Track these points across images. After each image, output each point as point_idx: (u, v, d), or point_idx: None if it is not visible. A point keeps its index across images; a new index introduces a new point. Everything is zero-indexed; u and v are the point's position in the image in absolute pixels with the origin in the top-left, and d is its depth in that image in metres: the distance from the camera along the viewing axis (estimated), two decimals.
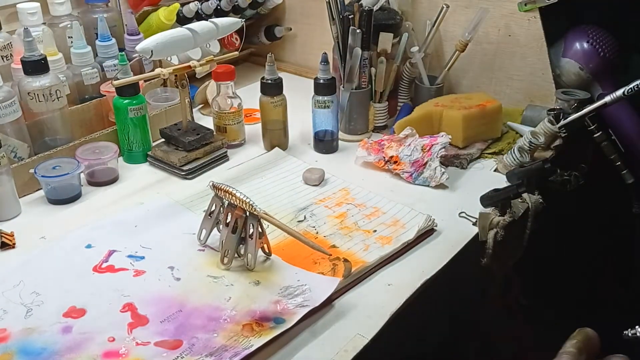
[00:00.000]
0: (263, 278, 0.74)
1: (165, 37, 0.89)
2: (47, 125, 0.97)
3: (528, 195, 0.89)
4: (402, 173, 0.97)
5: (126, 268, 0.76)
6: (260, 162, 1.03)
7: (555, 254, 1.21)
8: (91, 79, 1.07)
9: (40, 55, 0.93)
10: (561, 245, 1.18)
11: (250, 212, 0.73)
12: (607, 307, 0.78)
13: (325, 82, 1.01)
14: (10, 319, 0.67)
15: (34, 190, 0.94)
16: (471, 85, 1.20)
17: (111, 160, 0.96)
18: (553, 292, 1.23)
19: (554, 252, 1.19)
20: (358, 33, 1.02)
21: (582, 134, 1.03)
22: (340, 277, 0.73)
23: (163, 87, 1.15)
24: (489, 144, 1.06)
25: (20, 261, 0.77)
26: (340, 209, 0.89)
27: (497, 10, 1.11)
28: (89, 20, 1.12)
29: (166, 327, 0.66)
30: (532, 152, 0.98)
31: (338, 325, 0.68)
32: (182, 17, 1.19)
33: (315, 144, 1.07)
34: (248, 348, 0.62)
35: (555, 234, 1.11)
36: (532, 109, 1.09)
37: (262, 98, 1.03)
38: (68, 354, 0.62)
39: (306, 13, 1.39)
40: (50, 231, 0.84)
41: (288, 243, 0.79)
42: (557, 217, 0.99)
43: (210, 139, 1.02)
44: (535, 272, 1.16)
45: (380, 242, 0.81)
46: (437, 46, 1.21)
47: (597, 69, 1.10)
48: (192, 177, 0.99)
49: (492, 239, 0.84)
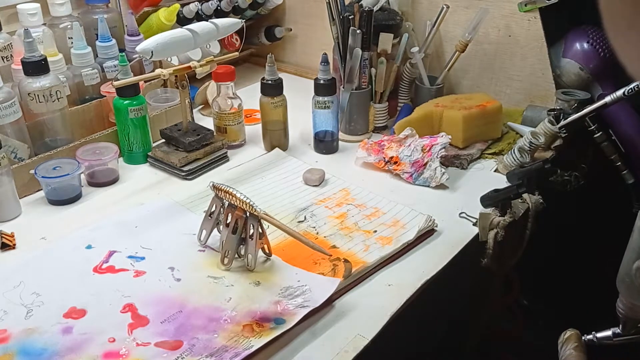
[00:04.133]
0: (263, 278, 0.74)
1: (166, 38, 0.89)
2: (48, 125, 0.97)
3: (528, 195, 0.89)
4: (402, 173, 0.97)
5: (126, 269, 0.76)
6: (261, 163, 1.03)
7: (556, 254, 1.21)
8: (91, 79, 1.07)
9: (40, 56, 0.93)
10: (561, 245, 1.18)
11: (251, 212, 0.73)
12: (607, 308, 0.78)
13: (325, 82, 1.01)
14: (10, 320, 0.67)
15: (34, 191, 0.94)
16: (471, 85, 1.20)
17: (111, 161, 0.96)
18: (553, 292, 1.23)
19: (554, 252, 1.19)
20: (358, 33, 1.02)
21: (583, 134, 1.03)
22: (341, 277, 0.73)
23: (163, 87, 1.15)
24: (489, 145, 1.06)
25: (21, 262, 0.77)
26: (340, 209, 0.89)
27: (497, 10, 1.11)
28: (89, 21, 1.12)
29: (166, 327, 0.66)
30: (533, 153, 0.98)
31: (338, 326, 0.68)
32: (182, 17, 1.19)
33: (316, 144, 1.07)
34: (248, 348, 0.62)
35: (555, 234, 1.11)
36: (533, 109, 1.09)
37: (263, 99, 1.03)
38: (68, 354, 0.62)
39: (306, 13, 1.39)
40: (51, 232, 0.84)
41: (288, 243, 0.79)
42: (558, 217, 0.99)
43: (211, 139, 1.02)
44: (535, 273, 1.16)
45: (380, 243, 0.81)
46: (437, 47, 1.21)
47: (597, 69, 1.10)
48: (193, 178, 0.99)
49: (492, 240, 0.84)
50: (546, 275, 1.22)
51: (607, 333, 0.73)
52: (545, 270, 1.20)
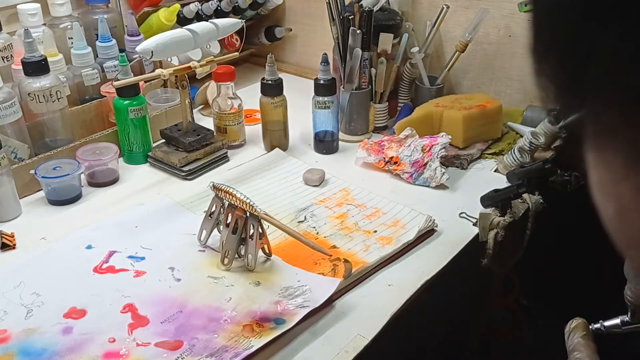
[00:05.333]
0: (263, 279, 0.74)
1: (166, 38, 0.89)
2: (48, 126, 0.97)
3: (528, 195, 0.89)
4: (402, 174, 0.97)
5: (127, 269, 0.76)
6: (261, 163, 1.03)
7: (556, 255, 1.21)
8: (91, 79, 1.07)
9: (40, 56, 0.93)
10: (561, 245, 1.17)
11: (251, 212, 0.73)
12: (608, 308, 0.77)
13: (325, 82, 1.01)
14: (10, 320, 0.67)
15: (34, 191, 0.94)
16: (471, 85, 1.20)
17: (111, 161, 0.96)
18: (553, 292, 1.23)
19: (554, 252, 1.19)
20: (358, 34, 1.02)
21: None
22: (341, 277, 0.73)
23: (163, 87, 1.15)
24: (489, 145, 1.06)
25: (21, 262, 0.77)
26: (340, 209, 0.89)
27: (497, 10, 1.11)
28: (90, 21, 1.12)
29: (166, 327, 0.66)
30: (533, 153, 0.98)
31: (338, 326, 0.68)
32: (183, 17, 1.19)
33: (316, 144, 1.07)
34: (248, 349, 0.62)
35: (555, 234, 1.11)
36: (533, 109, 1.09)
37: (263, 99, 1.03)
38: (68, 354, 0.62)
39: (306, 14, 1.39)
40: (51, 232, 0.84)
41: (288, 244, 0.79)
42: (558, 217, 0.99)
43: (211, 139, 1.02)
44: (536, 273, 1.16)
45: (380, 243, 0.81)
46: (437, 47, 1.21)
47: None
48: (193, 178, 0.99)
49: (492, 240, 0.84)
50: (546, 275, 1.22)
51: (616, 321, 0.72)
52: (545, 270, 1.20)
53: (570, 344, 0.69)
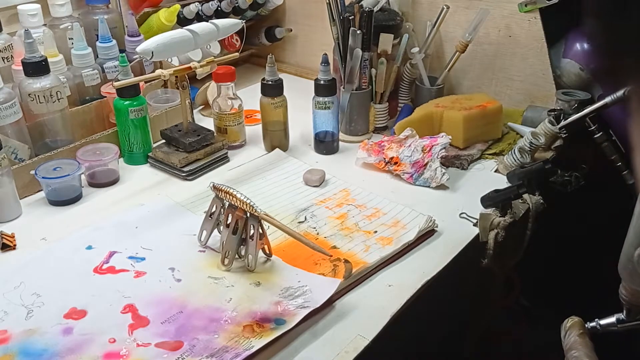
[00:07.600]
0: (264, 279, 0.74)
1: (166, 39, 0.89)
2: (48, 126, 0.97)
3: (529, 196, 0.89)
4: (402, 174, 0.97)
5: (127, 269, 0.76)
6: (261, 163, 1.03)
7: (556, 255, 1.21)
8: (92, 80, 1.07)
9: (40, 57, 0.93)
10: (562, 245, 1.17)
11: (251, 213, 0.73)
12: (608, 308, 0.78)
13: (325, 83, 1.01)
14: (11, 321, 0.67)
15: (34, 192, 0.94)
16: (472, 86, 1.20)
17: (112, 162, 0.97)
18: (553, 292, 1.23)
19: (554, 252, 1.19)
20: (358, 34, 1.02)
21: (583, 134, 1.03)
22: (341, 278, 0.73)
23: (164, 88, 1.15)
24: (489, 145, 1.06)
25: (21, 262, 0.77)
26: (340, 209, 0.89)
27: (497, 11, 1.11)
28: (90, 22, 1.12)
29: (167, 328, 0.66)
30: (533, 153, 0.98)
31: (339, 326, 0.68)
32: (183, 18, 1.19)
33: (316, 145, 1.07)
34: (249, 349, 0.62)
35: (555, 234, 1.11)
36: (533, 109, 1.09)
37: (263, 99, 1.03)
38: (69, 355, 0.62)
39: (306, 14, 1.39)
40: (51, 232, 0.84)
41: (289, 244, 0.79)
42: (558, 217, 0.99)
43: (211, 140, 1.02)
44: (536, 273, 1.16)
45: (380, 243, 0.81)
46: (437, 47, 1.21)
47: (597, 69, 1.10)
48: (193, 178, 0.99)
49: (492, 240, 0.84)
50: (546, 275, 1.22)
51: (611, 320, 0.73)
52: (546, 270, 1.20)
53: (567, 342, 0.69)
